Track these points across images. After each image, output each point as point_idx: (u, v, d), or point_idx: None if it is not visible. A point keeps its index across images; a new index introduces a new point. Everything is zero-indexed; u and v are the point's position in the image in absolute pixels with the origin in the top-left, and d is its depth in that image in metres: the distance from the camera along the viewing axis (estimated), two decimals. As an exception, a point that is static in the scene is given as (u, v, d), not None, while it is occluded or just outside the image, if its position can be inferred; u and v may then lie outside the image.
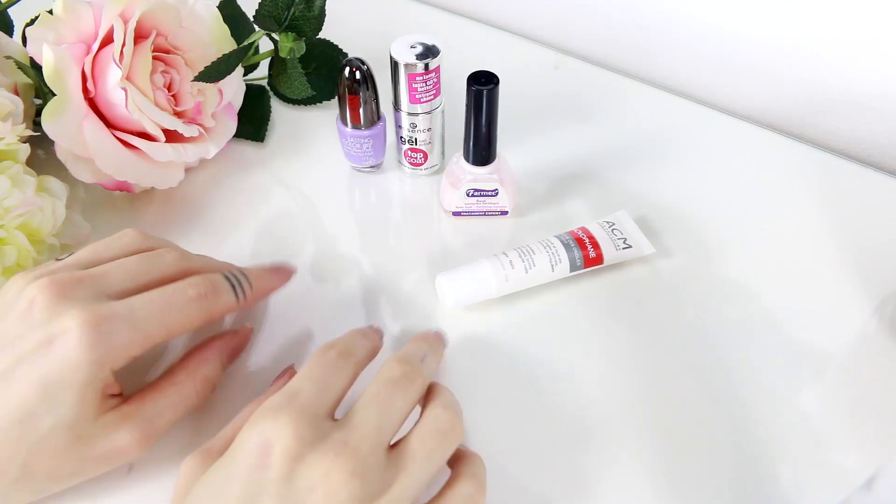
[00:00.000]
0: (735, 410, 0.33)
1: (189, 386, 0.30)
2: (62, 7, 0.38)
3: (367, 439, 0.24)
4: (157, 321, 0.27)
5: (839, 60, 0.46)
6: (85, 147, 0.38)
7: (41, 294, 0.27)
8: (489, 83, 0.35)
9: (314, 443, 0.24)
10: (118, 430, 0.27)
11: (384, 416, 0.25)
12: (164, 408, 0.29)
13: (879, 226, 0.42)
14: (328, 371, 0.27)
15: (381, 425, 0.25)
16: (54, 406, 0.26)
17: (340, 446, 0.24)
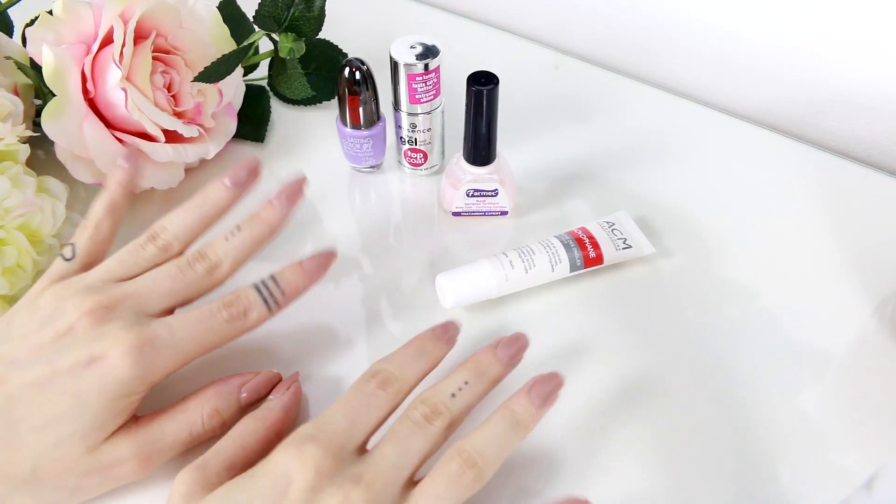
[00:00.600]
0: (735, 410, 0.33)
1: (196, 414, 0.30)
2: (62, 7, 0.38)
3: (381, 476, 0.25)
4: (195, 342, 0.29)
5: (839, 61, 0.46)
6: (85, 147, 0.38)
7: (84, 318, 0.28)
8: (489, 83, 0.35)
9: (333, 476, 0.25)
10: (122, 446, 0.28)
11: (402, 455, 0.26)
12: (169, 432, 0.29)
13: (879, 226, 0.42)
14: (364, 404, 0.27)
15: (399, 463, 0.26)
16: (81, 414, 0.27)
17: (355, 481, 0.25)
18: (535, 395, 0.28)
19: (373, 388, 0.28)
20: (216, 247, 0.31)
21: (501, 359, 0.29)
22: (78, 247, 0.31)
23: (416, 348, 0.30)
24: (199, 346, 0.29)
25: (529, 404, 0.27)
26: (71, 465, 0.27)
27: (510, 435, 0.27)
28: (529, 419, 0.27)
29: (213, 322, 0.29)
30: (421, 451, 0.26)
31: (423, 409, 0.27)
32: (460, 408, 0.28)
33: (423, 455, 0.27)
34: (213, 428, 0.30)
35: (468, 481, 0.25)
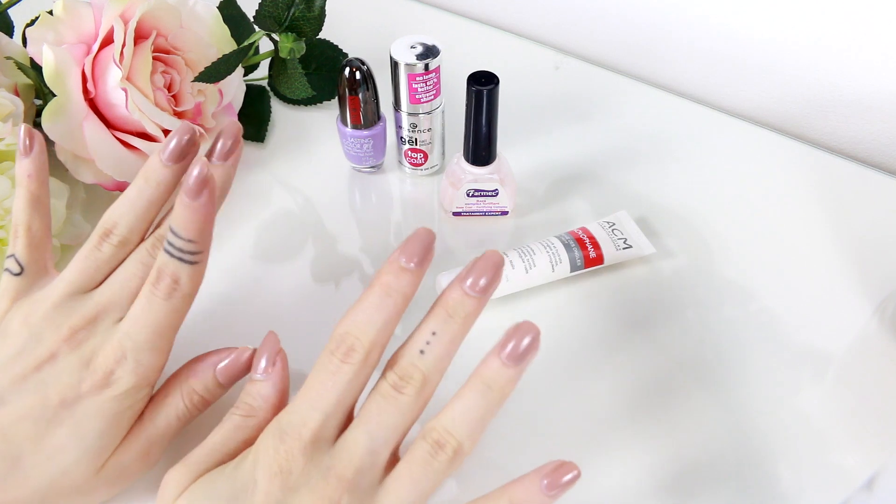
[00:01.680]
0: (735, 410, 0.33)
1: (177, 397, 0.29)
2: (62, 8, 0.38)
3: (353, 465, 0.24)
4: (169, 325, 0.28)
5: (839, 61, 0.46)
6: (85, 147, 0.38)
7: (64, 344, 0.27)
8: (489, 83, 0.35)
9: (306, 474, 0.24)
10: (126, 454, 0.28)
11: (374, 437, 0.24)
12: (159, 422, 0.29)
13: (879, 226, 0.42)
14: (330, 387, 0.25)
15: (372, 447, 0.24)
16: (83, 441, 0.26)
17: (325, 476, 0.24)
18: (507, 356, 0.24)
19: (337, 364, 0.25)
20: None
21: (471, 291, 0.25)
22: (19, 257, 0.29)
23: (378, 292, 0.25)
24: (171, 327, 0.28)
25: (501, 366, 0.24)
26: (81, 487, 0.27)
27: (483, 404, 0.24)
28: (504, 382, 0.24)
29: (154, 303, 0.27)
30: (396, 427, 0.25)
31: (391, 378, 0.25)
32: (432, 363, 0.25)
33: (400, 429, 0.25)
34: (196, 406, 0.29)
35: (442, 464, 0.24)
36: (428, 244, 0.25)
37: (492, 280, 0.25)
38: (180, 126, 0.29)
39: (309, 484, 0.24)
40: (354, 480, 0.24)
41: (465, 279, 0.25)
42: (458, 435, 0.24)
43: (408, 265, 0.25)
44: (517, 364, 0.24)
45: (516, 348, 0.24)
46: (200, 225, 0.27)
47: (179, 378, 0.30)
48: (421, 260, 0.25)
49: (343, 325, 0.25)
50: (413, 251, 0.25)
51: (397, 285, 0.25)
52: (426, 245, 0.25)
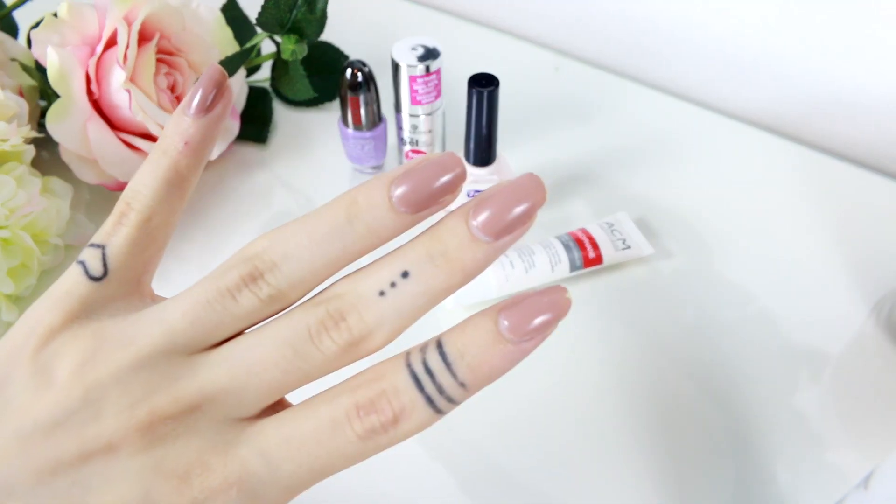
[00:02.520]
0: (733, 410, 0.34)
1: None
2: (67, 10, 0.38)
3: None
4: (309, 472, 0.16)
5: (835, 63, 0.47)
6: (89, 148, 0.39)
7: (134, 435, 0.16)
8: (490, 85, 0.35)
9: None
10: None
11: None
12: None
13: (876, 227, 0.42)
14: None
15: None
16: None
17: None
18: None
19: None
20: (363, 307, 0.16)
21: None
22: (111, 254, 0.18)
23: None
24: (312, 477, 0.17)
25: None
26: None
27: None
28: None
29: (338, 441, 0.16)
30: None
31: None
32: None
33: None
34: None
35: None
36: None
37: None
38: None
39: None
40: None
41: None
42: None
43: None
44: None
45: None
46: (496, 369, 0.16)
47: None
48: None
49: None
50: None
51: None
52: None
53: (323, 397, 0.17)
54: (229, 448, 0.16)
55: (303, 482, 0.17)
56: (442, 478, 0.31)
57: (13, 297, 0.36)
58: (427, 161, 0.17)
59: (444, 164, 0.16)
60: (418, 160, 0.17)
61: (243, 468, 0.16)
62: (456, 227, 0.16)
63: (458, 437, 0.32)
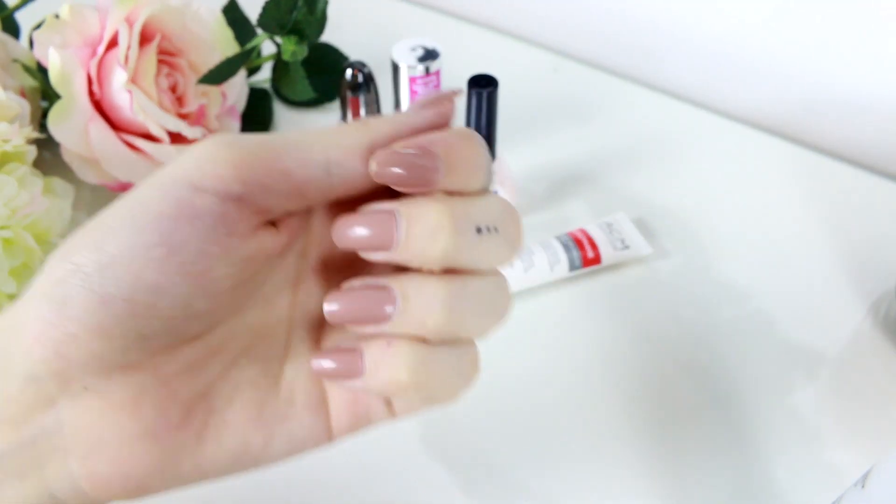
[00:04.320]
0: (730, 409, 0.34)
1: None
2: (68, 11, 0.38)
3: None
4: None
5: (832, 64, 0.47)
6: (90, 149, 0.39)
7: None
8: (489, 86, 0.35)
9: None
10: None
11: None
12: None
13: (873, 227, 0.42)
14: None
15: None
16: None
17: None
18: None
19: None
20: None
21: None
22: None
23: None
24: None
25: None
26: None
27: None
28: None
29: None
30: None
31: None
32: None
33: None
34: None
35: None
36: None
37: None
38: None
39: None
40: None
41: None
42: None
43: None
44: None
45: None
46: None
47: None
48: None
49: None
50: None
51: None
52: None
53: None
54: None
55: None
56: (441, 476, 0.31)
57: (15, 297, 0.36)
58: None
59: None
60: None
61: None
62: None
63: (457, 436, 0.33)
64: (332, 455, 0.21)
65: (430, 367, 0.18)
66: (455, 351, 0.18)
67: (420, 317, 0.17)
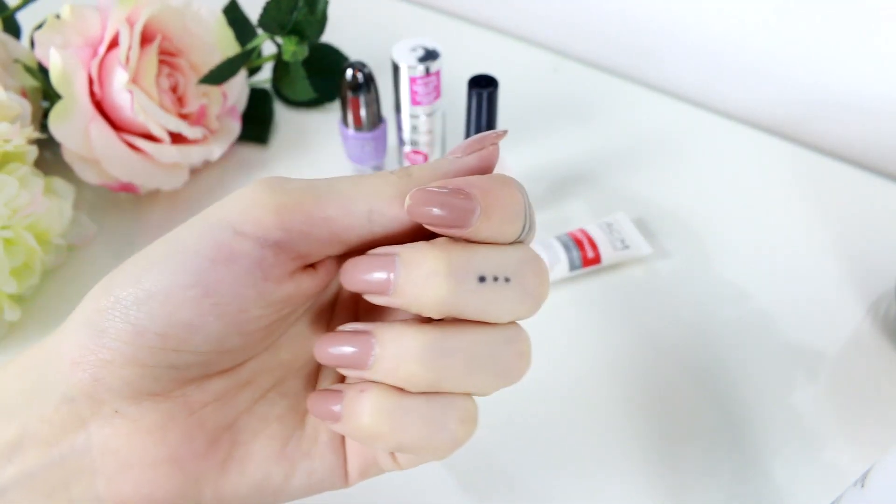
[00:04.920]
0: (730, 409, 0.34)
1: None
2: (69, 11, 0.38)
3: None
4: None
5: (832, 64, 0.47)
6: (91, 149, 0.39)
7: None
8: (489, 86, 0.35)
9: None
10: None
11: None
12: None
13: (873, 227, 0.42)
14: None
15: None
16: None
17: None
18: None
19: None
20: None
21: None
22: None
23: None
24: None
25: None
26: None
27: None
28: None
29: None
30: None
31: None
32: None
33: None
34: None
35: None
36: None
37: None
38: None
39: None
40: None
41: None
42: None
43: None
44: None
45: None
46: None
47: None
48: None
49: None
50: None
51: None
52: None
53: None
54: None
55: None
56: (441, 476, 0.31)
57: (16, 296, 0.36)
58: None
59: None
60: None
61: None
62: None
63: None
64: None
65: (400, 418, 0.17)
66: (438, 404, 0.18)
67: (392, 366, 0.17)
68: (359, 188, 0.18)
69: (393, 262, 0.17)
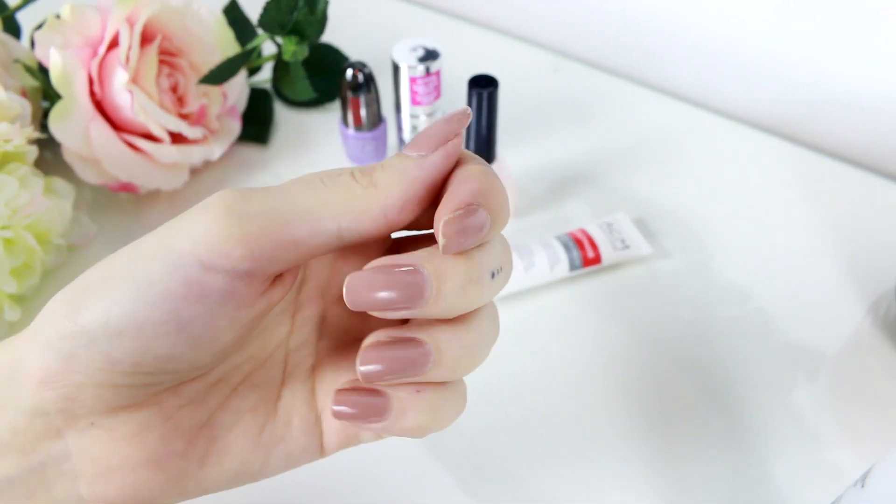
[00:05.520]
0: (730, 409, 0.34)
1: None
2: (69, 11, 0.38)
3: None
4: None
5: (832, 64, 0.47)
6: (91, 149, 0.39)
7: None
8: (489, 86, 0.35)
9: None
10: None
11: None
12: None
13: (873, 227, 0.42)
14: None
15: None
16: None
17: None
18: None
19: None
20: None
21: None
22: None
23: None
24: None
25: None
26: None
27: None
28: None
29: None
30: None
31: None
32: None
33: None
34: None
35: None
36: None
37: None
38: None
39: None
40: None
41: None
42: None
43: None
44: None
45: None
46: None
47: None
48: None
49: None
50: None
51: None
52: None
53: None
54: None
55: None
56: (441, 476, 0.31)
57: (16, 296, 0.36)
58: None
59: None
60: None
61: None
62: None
63: (456, 437, 0.33)
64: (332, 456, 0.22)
65: (441, 409, 0.18)
66: (457, 388, 0.19)
67: (451, 367, 0.18)
68: (325, 206, 0.17)
69: (420, 276, 0.17)
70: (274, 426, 0.20)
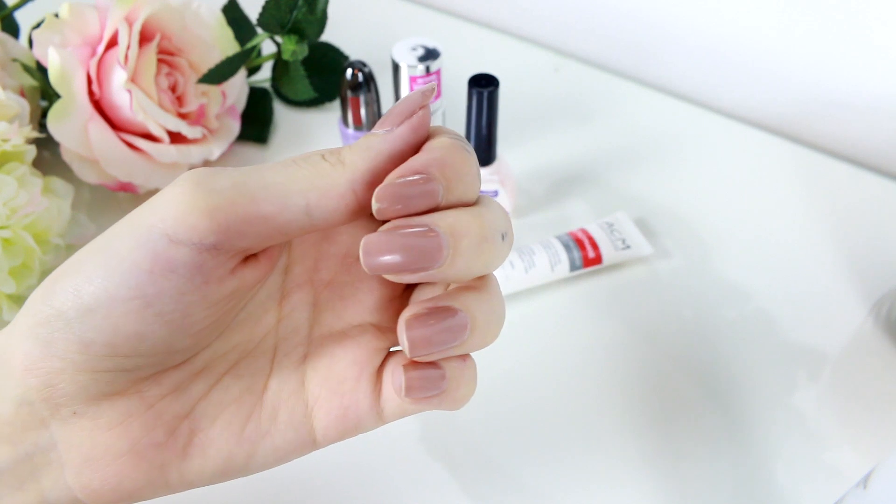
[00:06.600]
0: (731, 409, 0.34)
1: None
2: (68, 10, 0.38)
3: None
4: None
5: (833, 64, 0.47)
6: (90, 148, 0.39)
7: None
8: (489, 85, 0.35)
9: None
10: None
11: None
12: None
13: (874, 227, 0.42)
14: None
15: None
16: None
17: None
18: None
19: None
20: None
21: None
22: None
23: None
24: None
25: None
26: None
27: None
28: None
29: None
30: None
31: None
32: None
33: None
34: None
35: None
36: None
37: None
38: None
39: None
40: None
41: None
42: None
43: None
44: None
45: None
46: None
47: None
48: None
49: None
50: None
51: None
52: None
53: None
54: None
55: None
56: (441, 475, 0.31)
57: (14, 296, 0.36)
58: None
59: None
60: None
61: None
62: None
63: (456, 436, 0.33)
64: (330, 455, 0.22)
65: (476, 378, 0.19)
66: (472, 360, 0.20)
67: (483, 333, 0.18)
68: (293, 182, 0.17)
69: (436, 234, 0.16)
70: (259, 420, 0.20)
